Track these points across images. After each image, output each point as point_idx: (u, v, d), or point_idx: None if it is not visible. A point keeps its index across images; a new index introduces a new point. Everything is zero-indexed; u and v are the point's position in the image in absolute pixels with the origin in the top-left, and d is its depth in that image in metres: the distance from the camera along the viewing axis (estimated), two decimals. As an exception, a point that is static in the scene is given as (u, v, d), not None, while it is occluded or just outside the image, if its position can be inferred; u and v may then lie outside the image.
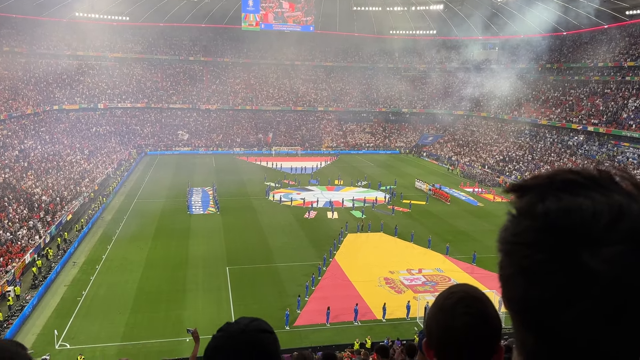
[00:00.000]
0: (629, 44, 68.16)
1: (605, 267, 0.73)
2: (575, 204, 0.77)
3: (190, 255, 36.35)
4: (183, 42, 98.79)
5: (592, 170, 0.84)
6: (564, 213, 0.77)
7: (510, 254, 0.82)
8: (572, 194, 0.79)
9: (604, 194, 0.79)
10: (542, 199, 0.81)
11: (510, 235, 0.83)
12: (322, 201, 51.84)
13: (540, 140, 71.32)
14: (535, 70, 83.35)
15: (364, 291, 30.95)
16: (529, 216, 0.81)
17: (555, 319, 0.77)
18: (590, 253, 0.74)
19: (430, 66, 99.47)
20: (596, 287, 0.74)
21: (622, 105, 63.61)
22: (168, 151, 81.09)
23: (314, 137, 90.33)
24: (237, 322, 1.36)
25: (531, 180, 0.86)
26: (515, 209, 0.84)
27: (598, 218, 0.75)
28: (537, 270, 0.77)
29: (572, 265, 0.75)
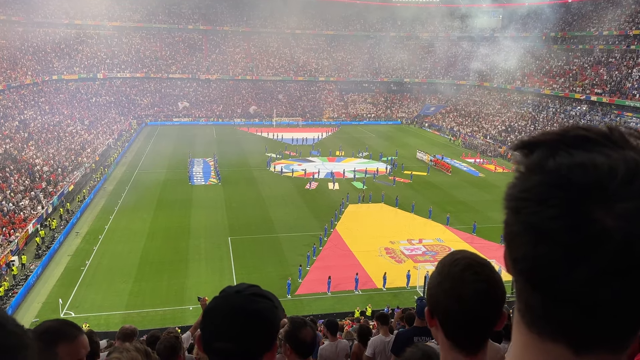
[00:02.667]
0: (635, 12, 66.96)
1: (620, 223, 0.71)
2: (589, 159, 0.75)
3: (193, 225, 36.60)
4: (182, 10, 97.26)
5: (604, 127, 0.82)
6: (578, 168, 0.75)
7: (518, 210, 0.79)
8: (585, 150, 0.77)
9: (617, 150, 0.76)
10: (553, 155, 0.78)
11: (518, 192, 0.79)
12: (323, 172, 51.87)
13: (543, 110, 70.84)
14: (540, 40, 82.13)
15: (365, 261, 31.26)
16: (539, 171, 0.78)
17: (565, 278, 0.74)
18: (604, 209, 0.72)
19: (433, 35, 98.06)
20: (609, 245, 0.71)
21: (626, 75, 62.92)
22: (168, 122, 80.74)
23: (315, 107, 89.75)
24: (237, 285, 1.37)
25: (541, 136, 0.83)
26: (523, 165, 0.81)
27: (614, 174, 0.73)
28: (547, 227, 0.74)
29: (584, 222, 0.72)
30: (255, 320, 1.30)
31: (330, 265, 30.16)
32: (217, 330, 1.30)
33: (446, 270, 1.31)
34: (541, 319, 0.79)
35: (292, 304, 25.73)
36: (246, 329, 1.29)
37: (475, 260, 1.32)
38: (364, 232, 36.07)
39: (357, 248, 33.24)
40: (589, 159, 0.75)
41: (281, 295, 26.27)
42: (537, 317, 0.80)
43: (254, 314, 1.30)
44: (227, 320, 1.30)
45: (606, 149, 0.77)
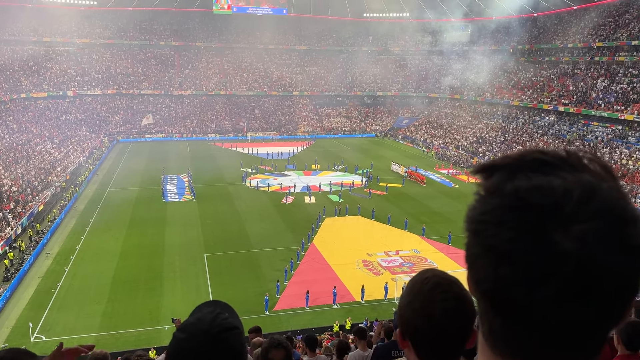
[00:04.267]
0: (597, 25, 69.32)
1: (576, 245, 0.72)
2: (546, 182, 0.76)
3: (167, 243, 36.02)
4: (153, 26, 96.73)
5: (561, 151, 0.83)
6: (535, 191, 0.76)
7: (477, 233, 0.80)
8: (543, 173, 0.78)
9: (573, 173, 0.78)
10: (512, 178, 0.79)
11: (478, 214, 0.81)
12: (300, 186, 51.81)
13: (513, 121, 72.37)
14: (507, 52, 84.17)
15: (343, 274, 31.18)
16: (498, 194, 0.79)
17: (525, 300, 0.74)
18: (561, 231, 0.73)
19: (405, 49, 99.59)
20: (567, 266, 0.72)
21: (591, 85, 64.87)
22: (140, 138, 79.74)
23: (290, 121, 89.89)
24: (200, 319, 1.25)
25: (500, 160, 0.84)
26: (483, 188, 0.83)
27: (569, 196, 0.74)
28: (505, 249, 0.75)
29: (542, 244, 0.73)
30: (227, 359, 1.23)
31: (308, 280, 29.99)
32: None
33: (415, 290, 1.30)
34: (503, 341, 0.80)
35: (270, 320, 25.44)
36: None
37: (443, 279, 1.31)
38: (341, 245, 36.04)
39: (335, 261, 33.16)
40: (546, 181, 0.76)
41: (259, 312, 25.99)
42: (499, 338, 0.80)
43: (224, 353, 1.23)
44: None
45: (563, 172, 0.78)
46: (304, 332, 21.03)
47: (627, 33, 63.62)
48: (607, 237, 0.73)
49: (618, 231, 0.74)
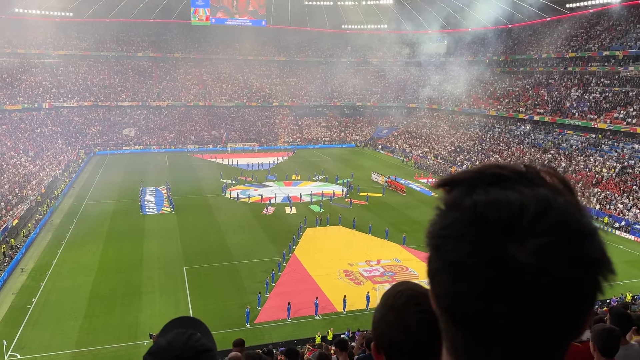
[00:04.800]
0: (570, 36, 71.04)
1: (532, 259, 0.73)
2: (503, 196, 0.77)
3: (145, 256, 35.46)
4: (131, 37, 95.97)
5: (519, 166, 0.84)
6: (492, 205, 0.77)
7: (438, 248, 0.81)
8: (501, 188, 0.79)
9: (531, 187, 0.79)
10: (471, 192, 0.80)
11: (438, 229, 0.82)
12: (280, 197, 51.64)
13: (490, 130, 73.46)
14: (483, 63, 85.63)
15: (324, 284, 31.06)
16: (457, 209, 0.80)
17: (484, 314, 0.74)
18: (517, 245, 0.74)
19: (383, 61, 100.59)
20: (523, 280, 0.73)
21: (565, 95, 66.28)
22: (118, 150, 78.70)
23: (270, 132, 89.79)
24: (171, 344, 1.17)
25: (460, 174, 0.85)
26: (443, 203, 0.83)
27: (525, 210, 0.75)
28: (464, 264, 0.76)
29: (500, 258, 0.74)
30: None
31: (290, 291, 29.79)
32: None
33: (389, 303, 1.31)
34: (465, 356, 0.80)
35: (252, 333, 25.16)
36: None
37: (417, 291, 1.31)
38: (322, 255, 35.94)
39: (316, 272, 33.03)
40: (504, 196, 0.77)
41: (240, 325, 25.71)
42: (461, 353, 0.81)
43: None
44: None
45: (520, 186, 0.79)
46: (286, 345, 20.84)
47: (598, 44, 65.32)
48: (563, 251, 0.74)
49: (574, 245, 0.75)
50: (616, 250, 38.11)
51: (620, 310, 4.51)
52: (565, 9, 73.38)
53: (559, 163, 56.64)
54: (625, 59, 60.90)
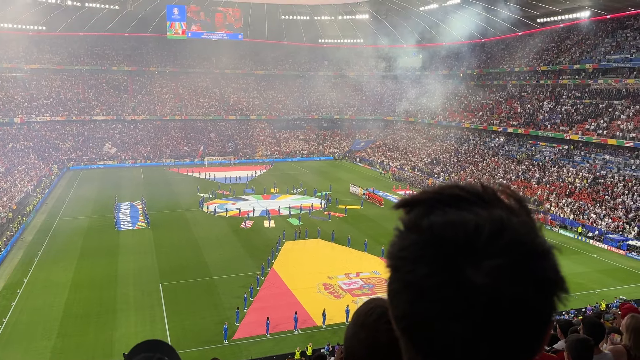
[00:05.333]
0: (542, 50, 72.81)
1: (487, 280, 0.73)
2: (459, 217, 0.78)
3: (120, 273, 34.75)
4: (105, 51, 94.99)
5: (477, 186, 0.85)
6: (448, 226, 0.77)
7: (396, 269, 0.81)
8: (458, 209, 0.80)
9: (486, 208, 0.80)
10: (428, 213, 0.81)
11: (396, 250, 0.82)
12: (258, 210, 51.33)
13: (465, 142, 74.51)
14: (458, 77, 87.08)
15: (304, 298, 30.84)
16: (416, 230, 0.81)
17: (441, 336, 0.75)
18: (473, 266, 0.74)
19: (359, 74, 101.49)
20: (479, 301, 0.73)
21: (537, 108, 67.73)
22: (92, 165, 77.42)
23: (248, 145, 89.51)
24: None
25: (419, 195, 0.86)
26: (402, 224, 0.84)
27: (480, 231, 0.76)
28: (421, 285, 0.76)
29: (455, 279, 0.74)
30: None
31: (268, 306, 29.50)
32: None
33: (361, 321, 1.31)
34: None
35: (230, 350, 24.78)
36: None
37: (388, 309, 1.32)
38: (301, 269, 35.74)
39: (295, 286, 32.80)
40: (460, 217, 0.78)
41: (217, 342, 25.31)
42: None
43: None
44: None
45: (476, 207, 0.80)
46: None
47: (569, 57, 67.09)
48: (517, 272, 0.75)
49: (528, 265, 0.76)
50: (590, 260, 38.83)
51: (593, 320, 4.55)
52: (537, 24, 75.28)
53: (532, 174, 57.67)
54: (595, 72, 62.63)
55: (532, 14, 72.08)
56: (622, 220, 43.88)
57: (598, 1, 62.61)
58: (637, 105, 54.87)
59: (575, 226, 45.67)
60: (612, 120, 55.50)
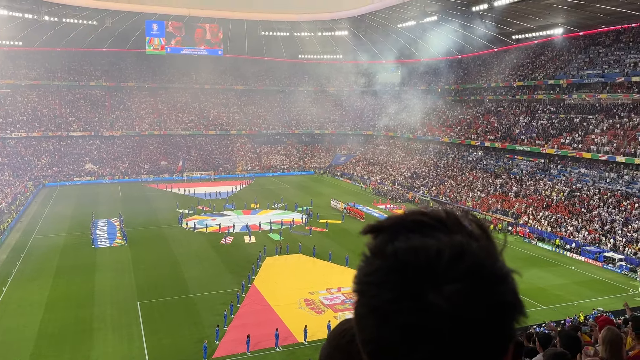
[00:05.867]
0: (517, 66, 74.36)
1: (449, 304, 0.75)
2: (421, 243, 0.81)
3: (97, 291, 34.02)
4: (83, 67, 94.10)
5: (441, 212, 0.89)
6: (411, 252, 0.80)
7: (362, 293, 0.83)
8: (421, 234, 0.83)
9: (448, 234, 0.83)
10: (393, 239, 0.84)
11: (362, 275, 0.85)
12: (239, 226, 50.93)
13: (444, 156, 75.33)
14: (436, 92, 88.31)
15: (285, 315, 30.55)
16: (381, 255, 0.83)
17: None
18: (434, 291, 0.76)
19: (339, 89, 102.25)
20: (441, 325, 0.75)
21: (514, 122, 68.95)
22: (69, 182, 76.12)
23: (228, 161, 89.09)
24: None
25: (385, 221, 0.90)
26: (368, 250, 0.88)
27: (441, 256, 0.79)
28: (386, 310, 0.78)
29: (418, 304, 0.76)
30: None
31: (249, 323, 29.13)
32: None
33: (335, 343, 1.31)
34: None
35: (210, 367, 24.33)
36: None
37: None
38: (282, 284, 35.45)
39: (276, 302, 32.50)
40: (422, 242, 0.81)
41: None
42: None
43: None
44: None
45: (438, 232, 0.83)
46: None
47: (543, 73, 68.61)
48: (477, 295, 0.77)
49: (487, 290, 0.79)
50: (568, 272, 39.35)
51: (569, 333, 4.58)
52: (512, 40, 76.94)
53: (510, 187, 58.47)
54: (569, 87, 64.13)
55: (507, 30, 73.70)
56: (598, 233, 44.67)
57: (570, 19, 64.36)
58: (610, 120, 56.26)
59: (553, 239, 46.32)
60: (587, 134, 56.76)
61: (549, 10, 61.41)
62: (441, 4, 65.11)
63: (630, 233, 42.80)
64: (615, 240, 42.70)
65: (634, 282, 36.91)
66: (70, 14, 77.46)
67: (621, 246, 41.85)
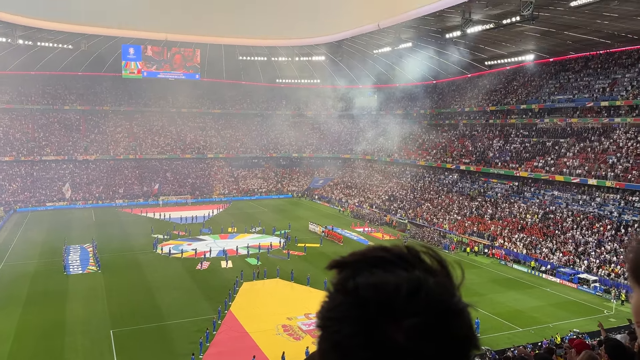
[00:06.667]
0: (490, 91, 76.11)
1: (406, 339, 0.78)
2: (381, 279, 0.84)
3: (68, 320, 32.97)
4: (57, 90, 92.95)
5: (402, 248, 0.92)
6: (372, 287, 0.83)
7: (325, 328, 0.87)
8: (382, 270, 0.86)
9: (408, 269, 0.87)
10: (355, 275, 0.87)
11: (325, 311, 0.88)
12: (215, 250, 50.26)
13: (420, 179, 76.07)
14: (412, 116, 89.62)
15: (262, 341, 30.02)
16: (343, 291, 0.87)
17: None
18: (393, 326, 0.80)
19: (316, 113, 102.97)
20: (400, 359, 0.78)
21: (488, 146, 70.22)
22: (41, 207, 74.38)
23: (205, 184, 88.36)
24: None
25: (348, 257, 0.93)
26: (332, 285, 0.91)
27: (399, 292, 0.82)
28: (347, 345, 0.80)
29: (378, 339, 0.79)
30: None
31: (226, 351, 28.55)
32: None
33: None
34: None
35: (185, 398, 23.64)
36: None
37: None
38: (260, 310, 34.94)
39: (254, 328, 31.95)
40: (382, 278, 0.85)
41: (172, 390, 24.11)
42: None
43: None
44: None
45: (398, 268, 0.87)
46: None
47: (516, 98, 70.32)
48: (433, 330, 0.81)
49: (442, 324, 0.82)
50: (544, 294, 39.72)
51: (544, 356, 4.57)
52: (485, 66, 78.88)
53: (485, 210, 59.19)
54: (541, 112, 65.78)
55: (480, 57, 75.57)
56: (572, 254, 45.36)
57: (541, 45, 66.37)
58: (581, 143, 57.73)
59: (529, 261, 46.84)
60: (559, 157, 58.06)
61: (520, 37, 63.30)
62: (415, 31, 66.53)
63: (604, 255, 43.57)
64: (589, 262, 43.39)
65: (608, 303, 37.43)
66: (45, 38, 76.72)
67: (595, 267, 42.53)
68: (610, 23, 52.99)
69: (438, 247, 53.66)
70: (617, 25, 53.34)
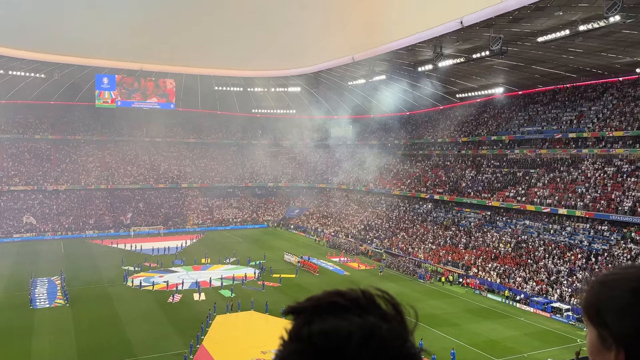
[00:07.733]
0: (462, 122, 77.79)
1: None
2: (334, 326, 0.85)
3: (34, 357, 31.58)
4: (28, 120, 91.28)
5: (357, 292, 0.92)
6: (324, 335, 0.85)
7: None
8: (336, 317, 0.87)
9: (361, 315, 0.87)
10: (309, 322, 0.88)
11: (280, 359, 0.90)
12: (188, 282, 49.22)
13: (395, 209, 76.54)
14: (387, 147, 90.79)
15: (235, 376, 29.19)
16: (296, 339, 0.88)
17: None
18: None
19: (292, 143, 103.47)
20: None
21: (460, 176, 71.34)
22: (8, 238, 72.06)
23: (178, 214, 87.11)
24: None
25: (303, 303, 0.94)
26: (287, 332, 0.92)
27: (350, 339, 0.83)
28: None
29: None
30: None
31: (198, 386, 27.61)
32: None
33: None
34: None
35: None
36: None
37: None
38: (233, 344, 34.13)
39: (227, 363, 31.10)
40: (335, 325, 0.86)
41: None
42: None
43: None
44: None
45: (351, 314, 0.88)
46: None
47: (486, 130, 71.98)
48: None
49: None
50: (518, 323, 39.89)
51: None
52: (456, 99, 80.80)
53: (459, 239, 59.69)
54: (511, 143, 67.37)
55: (452, 89, 77.46)
56: (545, 283, 45.87)
57: (510, 79, 68.49)
58: (551, 174, 59.12)
59: (502, 290, 47.14)
60: (530, 187, 59.26)
61: (489, 71, 65.24)
62: (389, 64, 67.98)
63: (575, 283, 44.17)
64: (562, 291, 43.90)
65: (581, 332, 37.76)
66: (17, 67, 75.76)
67: (567, 296, 43.02)
68: (575, 58, 55.13)
69: (414, 277, 53.67)
70: (582, 60, 55.53)
